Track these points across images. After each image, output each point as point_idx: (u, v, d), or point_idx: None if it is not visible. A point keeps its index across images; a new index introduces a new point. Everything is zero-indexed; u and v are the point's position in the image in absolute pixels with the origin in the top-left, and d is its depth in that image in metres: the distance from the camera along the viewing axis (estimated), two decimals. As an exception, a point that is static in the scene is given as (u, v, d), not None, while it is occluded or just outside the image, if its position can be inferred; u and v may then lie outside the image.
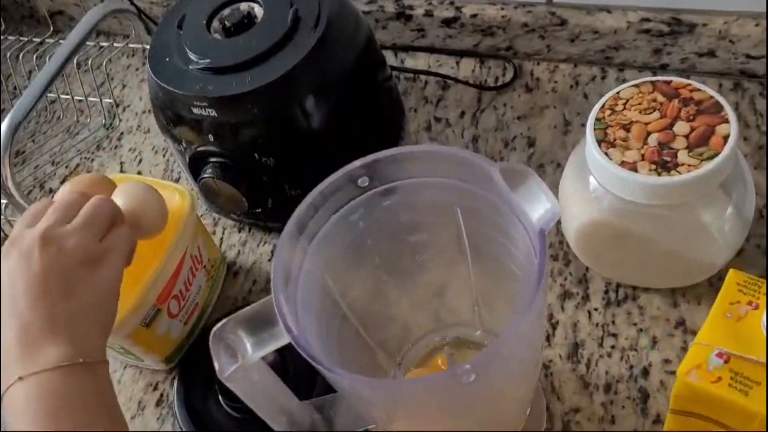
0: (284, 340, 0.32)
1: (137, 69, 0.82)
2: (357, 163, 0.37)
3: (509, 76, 0.67)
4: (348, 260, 0.41)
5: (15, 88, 0.85)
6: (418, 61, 0.71)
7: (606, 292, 0.52)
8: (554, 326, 0.52)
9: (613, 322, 0.51)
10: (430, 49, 0.71)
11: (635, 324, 0.50)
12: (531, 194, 0.33)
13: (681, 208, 0.44)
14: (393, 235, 0.42)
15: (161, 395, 0.57)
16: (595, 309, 0.52)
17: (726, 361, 0.29)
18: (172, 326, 0.55)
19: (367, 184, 0.38)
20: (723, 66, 0.60)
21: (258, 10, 0.55)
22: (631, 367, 0.49)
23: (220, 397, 0.52)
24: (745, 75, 0.60)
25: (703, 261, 0.47)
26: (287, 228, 0.36)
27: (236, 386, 0.34)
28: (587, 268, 0.53)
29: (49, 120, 0.81)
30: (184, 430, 0.52)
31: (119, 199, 0.50)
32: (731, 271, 0.33)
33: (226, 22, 0.54)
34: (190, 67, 0.53)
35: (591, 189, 0.47)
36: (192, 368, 0.55)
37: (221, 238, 0.64)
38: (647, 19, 0.60)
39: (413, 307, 0.48)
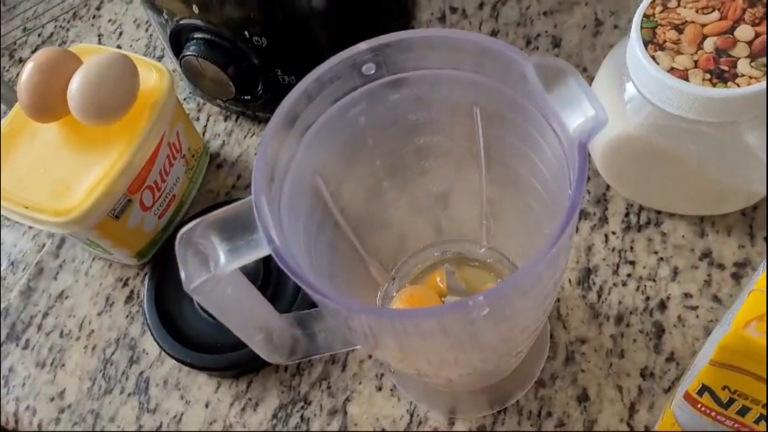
0: (264, 251, 0.27)
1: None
2: (363, 45, 0.31)
3: (538, -36, 0.59)
4: (344, 160, 0.36)
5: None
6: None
7: (627, 215, 0.47)
8: (568, 249, 0.47)
9: (632, 248, 0.46)
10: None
11: (656, 252, 0.46)
12: (571, 97, 0.28)
13: (730, 127, 0.38)
14: (398, 134, 0.36)
15: (131, 291, 0.52)
16: (613, 233, 0.47)
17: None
18: (145, 219, 0.50)
19: (373, 72, 0.32)
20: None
21: None
22: (648, 298, 0.44)
23: (194, 300, 0.48)
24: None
25: (742, 188, 0.42)
26: (275, 118, 0.30)
27: (205, 299, 0.29)
28: (608, 187, 0.48)
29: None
30: (153, 331, 0.48)
31: (80, 74, 0.44)
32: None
33: None
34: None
35: (627, 98, 0.41)
36: (165, 266, 0.51)
37: (205, 126, 0.58)
38: None
39: (413, 216, 0.42)
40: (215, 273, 0.28)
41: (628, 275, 0.46)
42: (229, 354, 0.46)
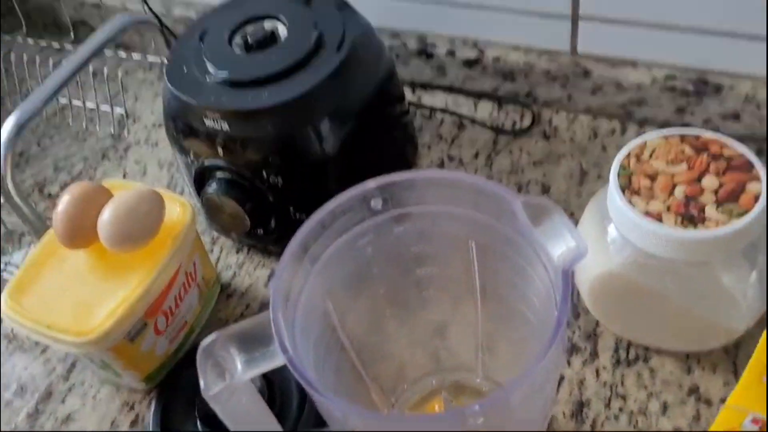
0: (279, 361, 0.30)
1: (152, 83, 0.82)
2: (372, 183, 0.35)
3: (527, 122, 0.66)
4: (351, 287, 0.39)
5: (30, 90, 0.84)
6: (436, 99, 0.70)
7: (616, 350, 0.50)
8: (559, 381, 0.49)
9: (622, 382, 0.48)
10: (449, 89, 0.70)
11: (645, 387, 0.48)
12: (555, 231, 0.32)
13: (704, 267, 0.42)
14: (401, 265, 0.40)
15: (136, 416, 0.54)
16: (604, 367, 0.49)
17: (761, 428, 0.26)
18: (157, 343, 0.52)
19: (380, 207, 0.36)
20: (747, 130, 0.59)
21: (282, 30, 0.54)
22: (638, 432, 0.46)
23: (198, 424, 0.49)
24: (769, 141, 0.59)
25: (723, 325, 0.45)
26: (291, 245, 0.34)
27: (221, 408, 0.31)
28: (597, 323, 0.51)
29: (57, 126, 0.80)
30: (157, 455, 0.48)
31: (111, 206, 0.48)
32: (766, 334, 0.31)
33: (249, 38, 0.53)
34: (208, 78, 0.52)
35: (609, 239, 0.45)
36: (172, 391, 0.52)
37: (218, 258, 0.62)
38: (673, 77, 0.59)
39: (412, 346, 0.45)
40: (232, 382, 0.30)
41: (620, 409, 0.47)
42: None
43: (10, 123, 0.60)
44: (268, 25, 0.54)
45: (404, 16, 0.67)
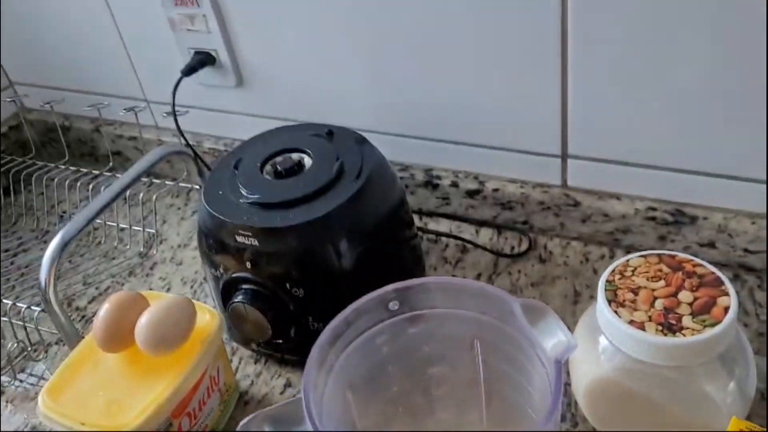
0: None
1: (179, 208, 0.89)
2: (390, 287, 0.41)
3: (524, 246, 0.72)
4: (368, 383, 0.43)
5: (64, 213, 0.91)
6: (441, 225, 0.77)
7: (611, 456, 0.53)
8: (558, 486, 0.52)
9: (618, 487, 0.51)
10: (453, 217, 0.77)
11: (639, 492, 0.51)
12: (549, 329, 0.37)
13: (686, 373, 0.46)
14: (414, 365, 0.44)
15: None
16: (600, 472, 0.52)
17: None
18: (179, 445, 0.55)
19: (397, 308, 0.41)
20: (723, 257, 0.65)
21: (307, 161, 0.62)
22: None
23: None
24: (743, 268, 0.65)
25: (707, 429, 0.48)
26: (321, 338, 0.39)
27: (255, 480, 0.35)
28: (595, 429, 0.54)
29: (88, 244, 0.86)
30: None
31: (149, 312, 0.53)
32: (734, 418, 0.35)
33: (278, 167, 0.61)
34: (241, 200, 0.59)
35: (600, 349, 0.50)
36: (190, 493, 0.55)
37: (237, 367, 0.66)
38: (653, 208, 0.66)
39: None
40: (267, 455, 0.34)
41: None
42: None
43: (56, 241, 0.66)
44: (295, 156, 0.62)
45: (413, 151, 0.76)
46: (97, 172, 0.90)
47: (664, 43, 0.57)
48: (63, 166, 0.92)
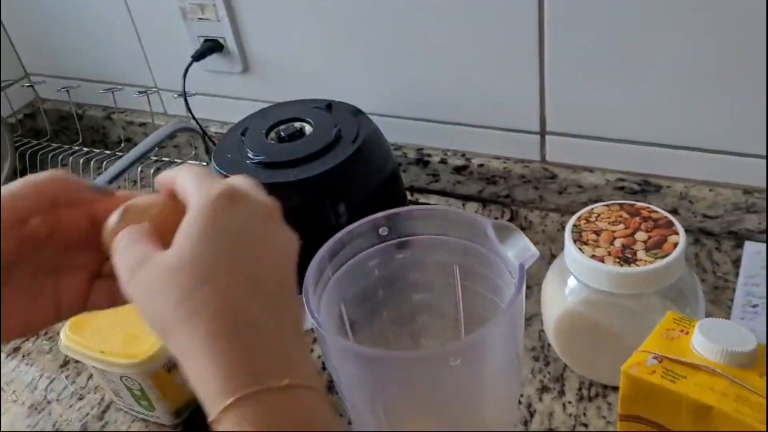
0: (308, 324, 0.40)
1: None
2: (381, 213, 0.47)
3: (507, 217, 0.78)
4: (361, 302, 0.49)
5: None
6: (431, 200, 0.83)
7: (580, 389, 0.59)
8: (532, 414, 0.58)
9: (585, 414, 0.57)
10: (442, 193, 0.83)
11: (604, 417, 0.56)
12: (516, 243, 0.43)
13: (642, 303, 0.52)
14: (401, 290, 0.50)
15: (164, 447, 0.61)
16: (569, 402, 0.58)
17: (660, 362, 0.36)
18: (188, 379, 0.61)
19: (386, 233, 0.47)
20: (685, 223, 0.71)
21: (308, 128, 0.68)
22: (598, 452, 0.54)
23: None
24: (703, 232, 0.71)
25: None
26: (320, 252, 0.45)
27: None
28: (565, 367, 0.60)
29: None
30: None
31: None
32: (669, 313, 0.41)
33: (282, 133, 0.67)
34: (247, 161, 0.65)
35: (568, 290, 0.56)
36: (199, 426, 0.60)
37: (241, 320, 0.72)
38: (622, 179, 0.73)
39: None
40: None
41: (582, 434, 0.56)
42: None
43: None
44: (297, 124, 0.68)
45: (406, 132, 0.82)
46: (109, 152, 0.96)
47: (633, 28, 0.64)
48: (77, 147, 0.98)
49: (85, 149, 0.98)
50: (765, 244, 0.69)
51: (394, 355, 0.40)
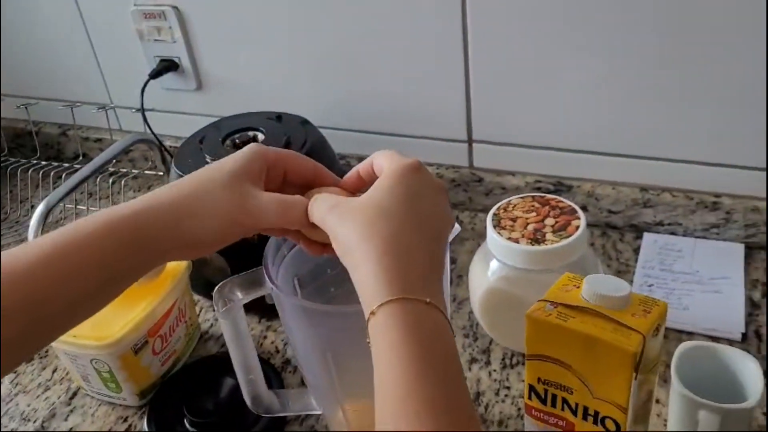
0: (267, 290, 0.47)
1: (139, 189, 1.00)
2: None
3: (440, 218, 0.87)
4: (312, 279, 0.56)
5: (32, 205, 1.02)
6: (372, 204, 0.91)
7: (503, 359, 0.67)
8: (461, 381, 0.66)
9: (507, 378, 0.65)
10: (381, 197, 0.91)
11: (523, 380, 0.65)
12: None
13: (552, 277, 0.61)
14: (346, 270, 0.58)
15: (130, 426, 0.66)
16: (494, 370, 0.67)
17: (555, 307, 0.45)
18: (152, 362, 0.67)
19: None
20: (593, 219, 0.82)
21: (260, 136, 0.76)
22: (519, 409, 0.62)
23: (186, 423, 0.63)
24: (608, 226, 0.82)
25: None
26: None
27: (228, 324, 0.48)
28: (491, 341, 0.69)
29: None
30: (152, 438, 0.62)
31: None
32: (566, 273, 0.50)
33: (237, 140, 0.74)
34: (205, 165, 0.72)
35: (490, 271, 0.65)
36: (162, 404, 0.66)
37: (198, 313, 0.78)
38: (539, 180, 0.83)
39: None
40: (234, 304, 0.47)
41: (506, 395, 0.64)
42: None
43: (40, 208, 0.77)
44: (250, 133, 0.76)
45: (349, 142, 0.90)
46: (67, 165, 1.01)
47: (548, 46, 0.74)
48: (35, 161, 1.02)
49: (43, 162, 1.02)
50: (660, 235, 0.79)
51: (338, 309, 0.47)
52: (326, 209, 0.42)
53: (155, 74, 0.92)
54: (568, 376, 0.46)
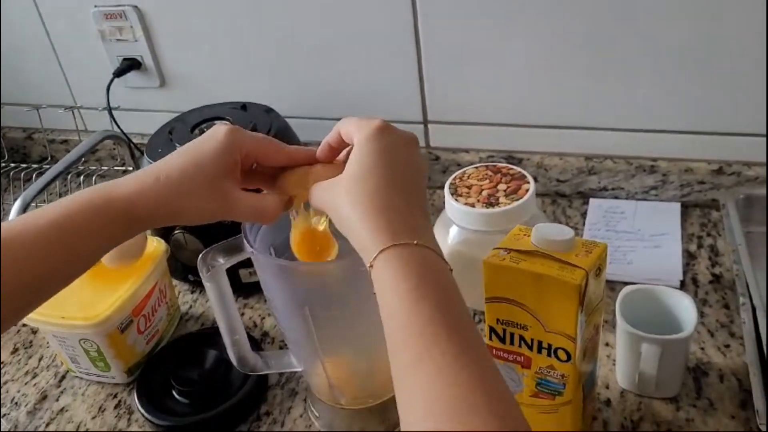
0: (246, 254, 0.52)
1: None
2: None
3: (401, 196, 0.92)
4: (287, 248, 0.61)
5: (3, 210, 1.04)
6: (336, 187, 0.96)
7: (466, 317, 0.73)
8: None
9: (470, 334, 0.71)
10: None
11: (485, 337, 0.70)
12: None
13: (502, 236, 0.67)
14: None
15: (119, 402, 0.70)
16: (458, 328, 0.72)
17: (508, 252, 0.50)
18: (138, 341, 0.71)
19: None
20: (543, 188, 0.88)
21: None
22: (482, 359, 0.68)
23: (175, 394, 0.67)
24: (558, 195, 0.88)
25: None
26: (252, 205, 0.56)
27: (212, 286, 0.52)
28: (453, 303, 0.74)
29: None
30: (146, 415, 0.65)
31: None
32: (517, 226, 0.55)
33: (205, 129, 0.78)
34: (177, 154, 0.76)
35: (450, 237, 0.70)
36: (149, 380, 0.70)
37: (177, 295, 0.82)
38: (492, 156, 0.89)
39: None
40: (217, 267, 0.52)
41: (470, 349, 0.69)
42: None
43: (18, 203, 0.80)
44: (217, 122, 0.80)
45: (311, 129, 0.95)
46: (36, 165, 1.03)
47: (493, 27, 0.80)
48: (4, 164, 1.05)
49: (12, 165, 1.04)
50: (605, 199, 0.86)
51: (313, 266, 0.52)
52: (321, 192, 0.46)
53: (119, 73, 0.96)
54: (523, 314, 0.51)
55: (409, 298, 0.39)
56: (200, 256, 0.53)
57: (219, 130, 0.48)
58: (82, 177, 0.98)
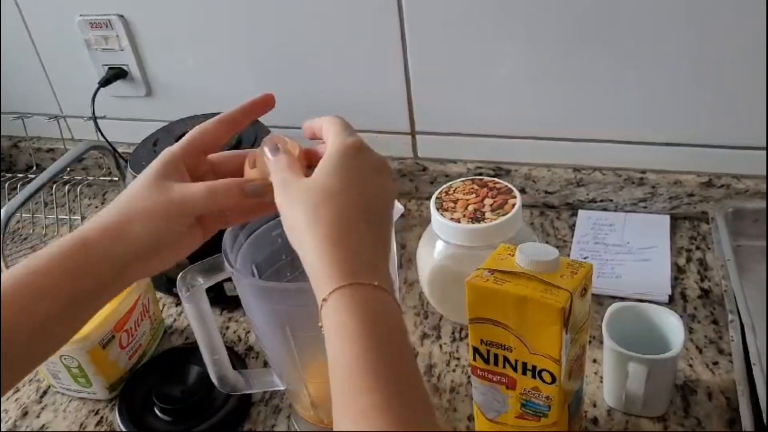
0: (227, 274, 0.51)
1: (96, 207, 1.03)
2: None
3: (389, 207, 0.91)
4: (269, 265, 0.60)
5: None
6: (324, 198, 0.95)
7: (453, 333, 0.72)
8: (416, 356, 0.70)
9: (457, 350, 0.70)
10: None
11: (472, 350, 0.70)
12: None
13: (490, 251, 0.66)
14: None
15: (101, 418, 0.69)
16: (445, 343, 0.71)
17: (492, 273, 0.50)
18: (120, 356, 0.70)
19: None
20: (531, 200, 0.88)
21: (212, 137, 0.79)
22: (468, 376, 0.67)
23: (157, 411, 0.66)
24: (546, 206, 0.88)
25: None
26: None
27: (192, 307, 0.51)
28: (441, 318, 0.74)
29: (17, 241, 0.98)
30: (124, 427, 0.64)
31: None
32: (502, 245, 0.55)
33: (190, 141, 0.77)
34: (161, 166, 0.75)
35: (436, 251, 0.69)
36: (131, 396, 0.69)
37: (162, 308, 0.81)
38: (480, 167, 0.88)
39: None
40: (197, 288, 0.51)
41: (456, 365, 0.69)
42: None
43: (1, 216, 0.79)
44: (202, 134, 0.79)
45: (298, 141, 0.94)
46: (21, 174, 1.02)
47: (480, 40, 0.79)
48: (-10, 174, 1.03)
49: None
50: (593, 211, 0.85)
51: (293, 286, 0.51)
52: (277, 186, 0.44)
53: (105, 82, 0.95)
54: (507, 336, 0.50)
55: (359, 345, 0.37)
56: (179, 276, 0.52)
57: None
58: (67, 186, 0.97)
